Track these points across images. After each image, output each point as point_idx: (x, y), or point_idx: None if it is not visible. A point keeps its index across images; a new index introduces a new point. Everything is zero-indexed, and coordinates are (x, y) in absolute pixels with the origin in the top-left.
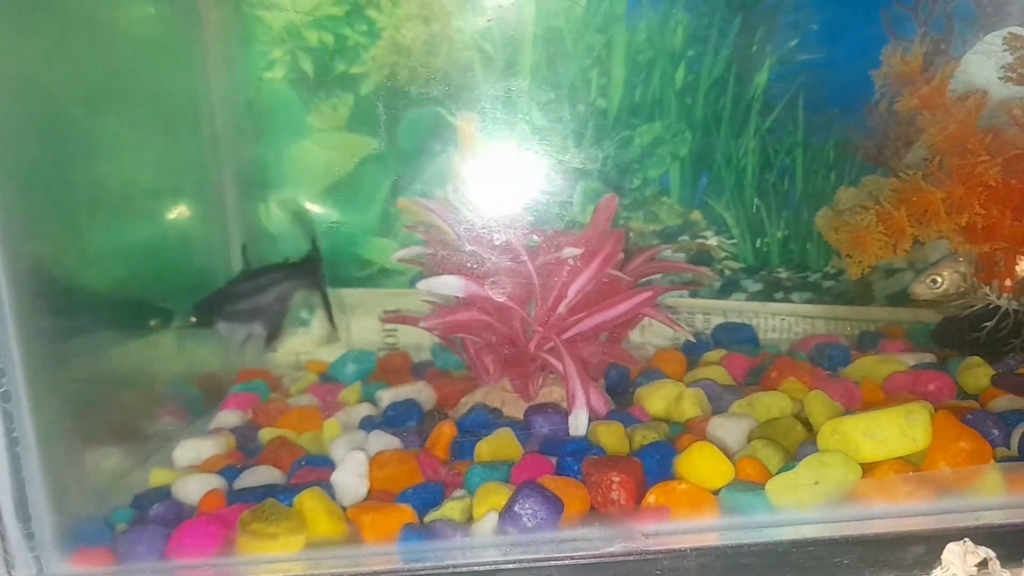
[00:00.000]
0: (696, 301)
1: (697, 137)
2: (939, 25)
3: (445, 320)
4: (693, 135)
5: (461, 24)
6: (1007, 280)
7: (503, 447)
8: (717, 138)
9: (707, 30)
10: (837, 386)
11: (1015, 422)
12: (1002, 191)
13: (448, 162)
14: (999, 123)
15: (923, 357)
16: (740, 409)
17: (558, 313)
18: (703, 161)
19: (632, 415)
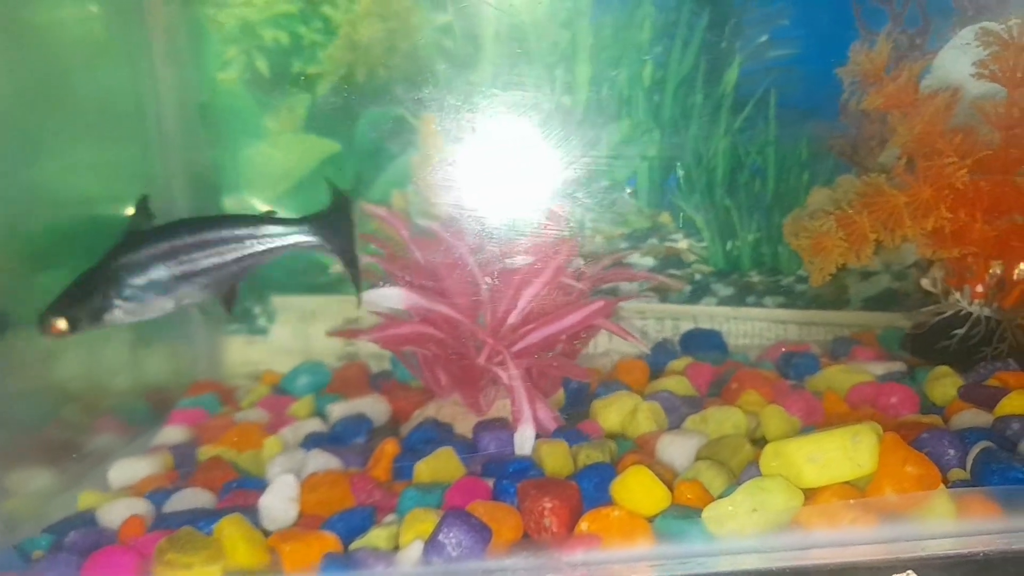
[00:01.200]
0: (666, 307)
1: (666, 137)
2: (914, 19)
3: (388, 334)
4: (662, 134)
5: (420, 21)
6: (978, 286)
7: (443, 467)
8: (687, 137)
9: (675, 26)
10: (797, 399)
11: (973, 440)
12: (971, 193)
13: (408, 163)
14: (974, 122)
15: (893, 366)
16: (693, 425)
17: (509, 324)
18: (672, 162)
19: (581, 431)
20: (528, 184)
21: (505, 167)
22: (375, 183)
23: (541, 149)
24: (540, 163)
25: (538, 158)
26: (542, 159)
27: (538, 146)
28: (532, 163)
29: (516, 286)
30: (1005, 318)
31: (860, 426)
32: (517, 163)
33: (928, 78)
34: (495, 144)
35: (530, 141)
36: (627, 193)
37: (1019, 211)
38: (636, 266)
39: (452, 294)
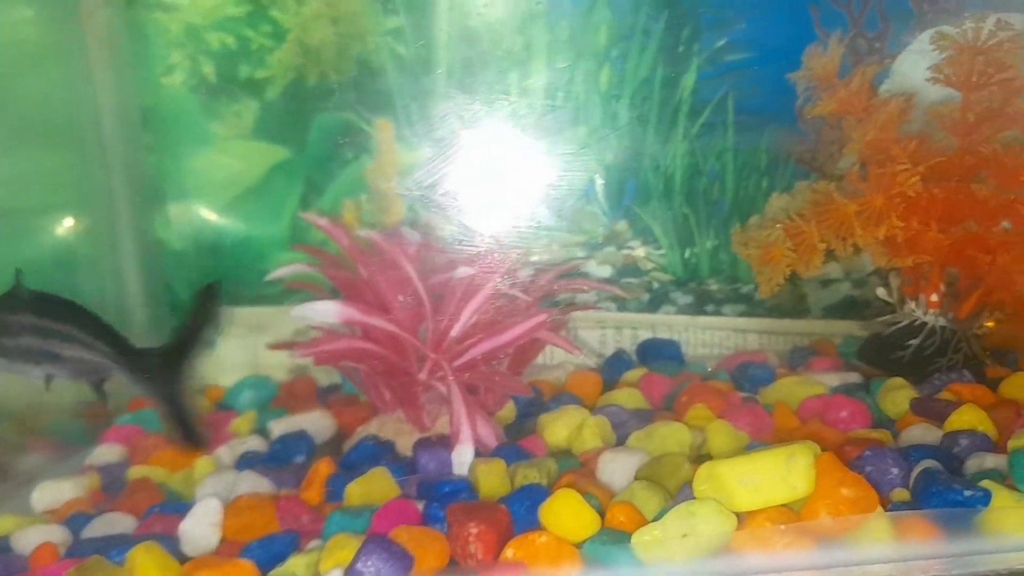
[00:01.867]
0: (624, 315)
1: (623, 142)
2: (873, 22)
3: (322, 349)
4: (619, 140)
5: (371, 25)
6: (933, 295)
7: (376, 489)
8: (644, 143)
9: (631, 29)
10: (745, 414)
11: (918, 458)
12: (924, 201)
13: (361, 169)
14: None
15: (848, 377)
16: (637, 442)
17: (452, 337)
18: (630, 168)
19: (524, 449)
20: (480, 192)
21: (458, 174)
22: (327, 190)
23: (495, 155)
24: (494, 170)
25: (492, 165)
26: (496, 165)
27: (492, 152)
28: (486, 170)
29: (459, 298)
30: (960, 328)
31: (795, 447)
32: (470, 170)
33: (887, 83)
34: (448, 150)
35: (484, 147)
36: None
37: (974, 219)
38: (591, 275)
39: (392, 307)
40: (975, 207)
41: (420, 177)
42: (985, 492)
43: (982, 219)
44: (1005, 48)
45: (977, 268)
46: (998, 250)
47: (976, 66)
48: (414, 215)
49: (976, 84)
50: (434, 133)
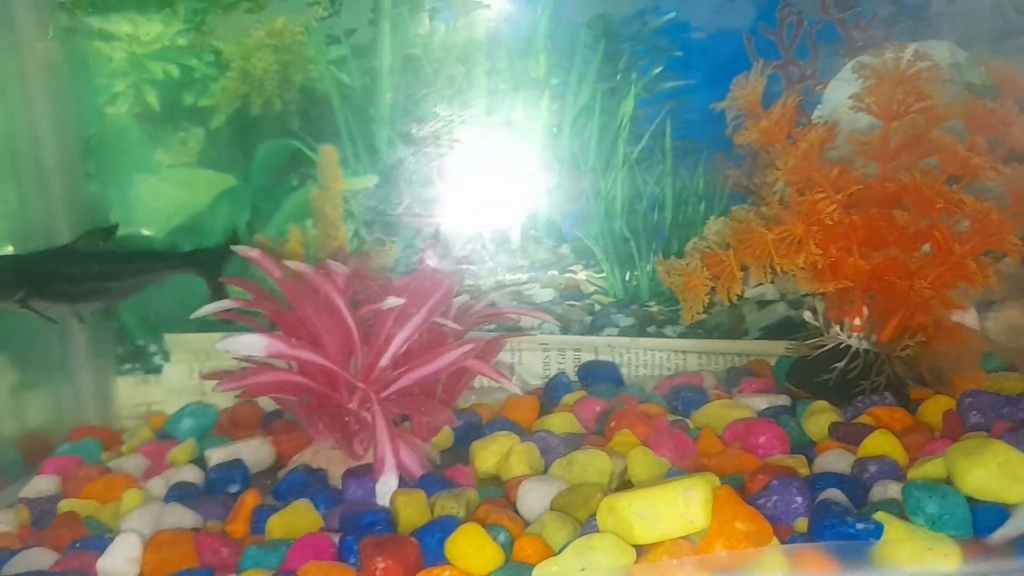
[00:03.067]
0: (567, 338)
1: (565, 168)
2: (804, 50)
3: (249, 383)
4: (560, 166)
5: (314, 53)
6: (856, 319)
7: (299, 521)
8: (585, 168)
9: (570, 58)
10: (669, 439)
11: (823, 487)
12: (843, 228)
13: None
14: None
15: (777, 399)
16: (559, 470)
17: (381, 367)
18: (571, 193)
19: (449, 478)
20: (423, 219)
21: (402, 201)
22: (273, 217)
23: (439, 182)
24: (438, 197)
25: (435, 192)
26: (439, 192)
27: (435, 179)
28: (429, 197)
29: (389, 328)
30: (883, 351)
31: (693, 480)
32: (415, 196)
33: (819, 108)
34: (392, 177)
35: (427, 174)
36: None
37: (895, 244)
38: (535, 297)
39: (322, 339)
40: (895, 233)
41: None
42: (878, 525)
43: (902, 245)
44: (924, 77)
45: (897, 293)
46: (915, 275)
47: (896, 95)
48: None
49: (896, 113)
50: (379, 160)
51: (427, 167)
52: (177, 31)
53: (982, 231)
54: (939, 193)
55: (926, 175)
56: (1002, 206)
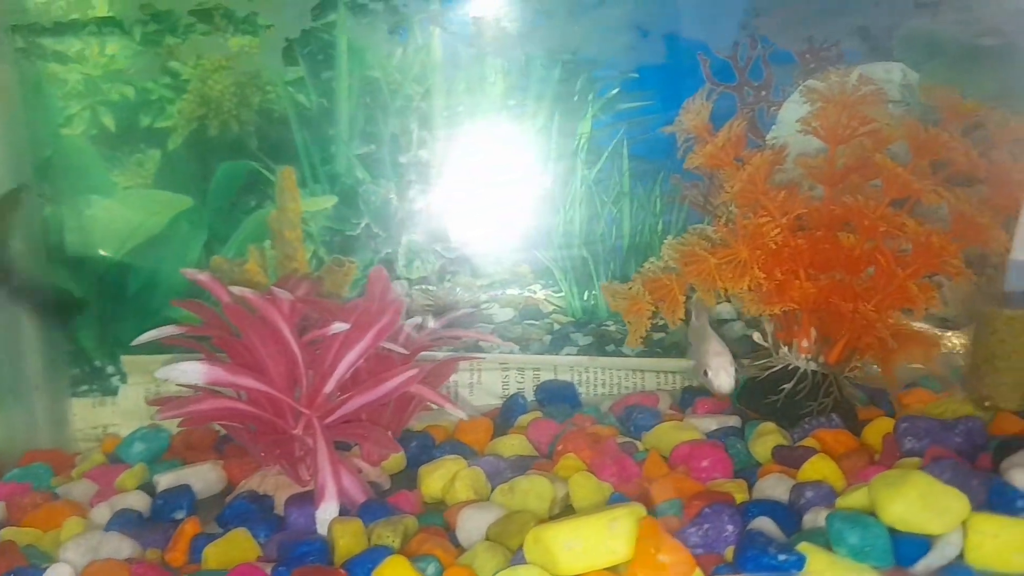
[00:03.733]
0: (527, 357)
1: (523, 189)
2: (759, 72)
3: (188, 411)
4: (519, 185)
5: (272, 76)
6: (803, 341)
7: (236, 551)
8: (543, 188)
9: (527, 79)
10: (612, 463)
11: (755, 514)
12: (787, 252)
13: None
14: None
15: (727, 420)
16: (500, 496)
17: (325, 393)
18: (530, 212)
19: (392, 504)
20: (382, 241)
21: (360, 222)
22: (231, 238)
23: (398, 203)
24: (397, 218)
25: (394, 213)
26: (398, 213)
27: (394, 201)
28: (388, 218)
29: (335, 353)
30: (831, 373)
31: (619, 510)
32: (374, 218)
33: (774, 130)
34: (351, 198)
35: (386, 196)
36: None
37: (841, 268)
38: (495, 316)
39: (266, 365)
40: (841, 256)
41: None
42: (799, 557)
43: (848, 267)
44: (869, 101)
45: (843, 315)
46: (859, 298)
47: (841, 119)
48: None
49: (842, 136)
50: (336, 181)
51: (385, 188)
52: (133, 53)
53: (923, 254)
54: (882, 216)
55: (869, 198)
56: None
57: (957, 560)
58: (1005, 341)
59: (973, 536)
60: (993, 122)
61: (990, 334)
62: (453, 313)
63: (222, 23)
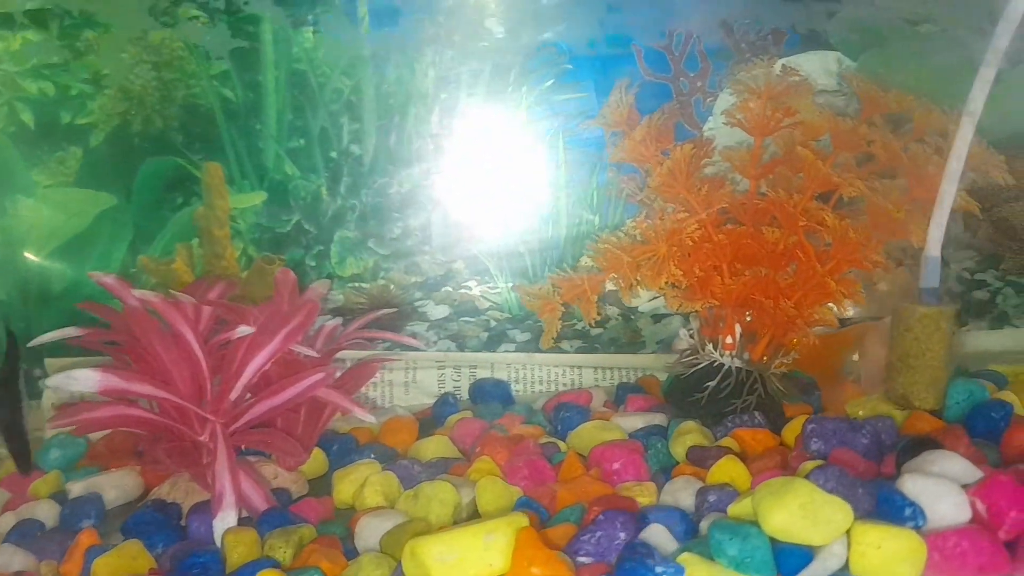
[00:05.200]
0: (463, 355)
1: (457, 183)
2: (694, 62)
3: (82, 419)
4: (453, 179)
5: (196, 69)
6: (727, 337)
7: (126, 562)
8: (478, 182)
9: (458, 72)
10: (524, 466)
11: (651, 521)
12: (710, 247)
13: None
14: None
15: (654, 418)
16: (405, 503)
17: (234, 398)
18: (464, 207)
19: (295, 513)
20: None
21: (290, 219)
22: (157, 236)
23: (329, 199)
24: (328, 213)
25: (325, 209)
26: (329, 209)
27: (325, 196)
28: (320, 214)
29: (241, 358)
30: (756, 369)
31: (496, 522)
32: (305, 214)
33: (711, 120)
34: (280, 194)
35: (316, 191)
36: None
37: (765, 263)
38: (430, 314)
39: (168, 371)
40: (765, 251)
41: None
42: (677, 569)
43: (771, 263)
44: (793, 92)
45: (766, 311)
46: (781, 294)
47: (766, 110)
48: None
49: (767, 128)
50: (268, 175)
51: (316, 183)
52: (52, 48)
53: (843, 249)
54: (803, 210)
55: (791, 191)
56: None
57: (841, 572)
58: (919, 339)
59: (857, 547)
60: (916, 113)
61: (904, 331)
62: (372, 313)
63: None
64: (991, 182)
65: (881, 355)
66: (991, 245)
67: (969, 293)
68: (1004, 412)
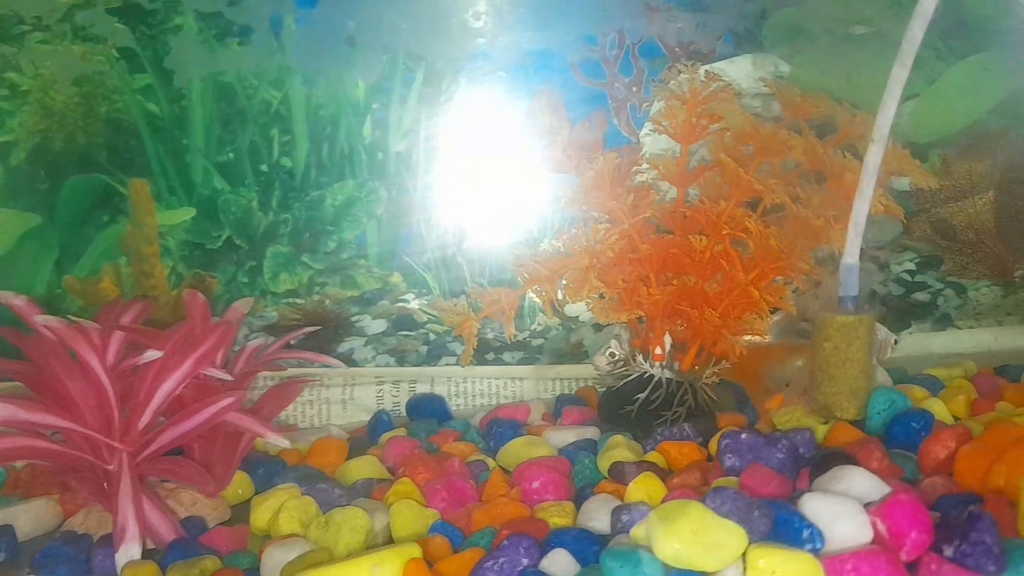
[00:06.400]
0: (403, 370)
1: (393, 194)
2: (629, 67)
3: None
4: (388, 192)
5: (118, 84)
6: (656, 348)
7: None
8: (414, 194)
9: (390, 82)
10: (443, 487)
11: (555, 545)
12: (633, 257)
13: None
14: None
15: (586, 432)
16: (315, 531)
17: (144, 423)
18: (402, 219)
19: (201, 543)
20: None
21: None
22: (84, 255)
23: (260, 213)
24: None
25: (257, 223)
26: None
27: (256, 210)
28: (251, 229)
29: (150, 383)
30: (687, 380)
31: (384, 554)
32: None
33: (647, 126)
34: (210, 210)
35: (247, 205)
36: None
37: (693, 272)
38: (367, 328)
39: (73, 399)
40: (692, 260)
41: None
42: None
43: (699, 272)
44: (718, 98)
45: (693, 322)
46: (706, 304)
47: (691, 116)
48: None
49: (692, 135)
50: (196, 191)
51: (248, 197)
52: None
53: (766, 257)
54: (728, 218)
55: (715, 199)
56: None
57: None
58: (839, 348)
59: (751, 572)
60: (839, 118)
61: (824, 341)
62: (294, 333)
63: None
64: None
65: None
66: (931, 246)
67: (910, 295)
68: (924, 421)
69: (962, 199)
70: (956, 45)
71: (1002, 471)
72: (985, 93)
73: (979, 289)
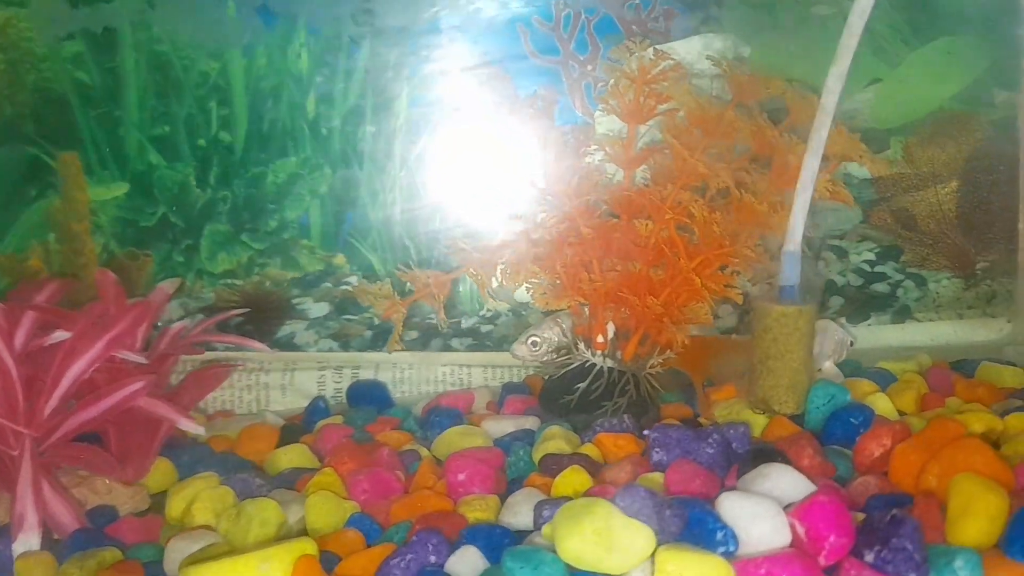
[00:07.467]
0: (346, 355)
1: (337, 172)
2: (584, 45)
3: None
4: (333, 170)
5: (47, 52)
6: (598, 336)
7: None
8: (360, 172)
9: (335, 54)
10: (365, 478)
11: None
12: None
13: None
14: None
15: (525, 422)
16: (226, 523)
17: (51, 408)
18: (346, 199)
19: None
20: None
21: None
22: (9, 233)
23: (197, 189)
24: (196, 205)
25: (194, 200)
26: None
27: (193, 186)
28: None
29: (58, 365)
30: (629, 369)
31: (275, 549)
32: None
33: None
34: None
35: (184, 181)
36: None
37: (637, 258)
38: (309, 312)
39: None
40: (636, 245)
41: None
42: None
43: (643, 258)
44: (667, 78)
45: (634, 309)
46: (649, 292)
47: (639, 96)
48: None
49: (639, 115)
50: (130, 165)
51: (184, 172)
52: None
53: (709, 244)
54: (673, 202)
55: (664, 183)
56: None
57: None
58: (778, 340)
59: (659, 575)
60: (789, 100)
61: (763, 332)
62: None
63: None
64: (895, 171)
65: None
66: (891, 236)
67: (869, 286)
68: (863, 417)
69: (924, 188)
70: (921, 28)
71: (935, 471)
72: (950, 78)
73: (940, 281)
